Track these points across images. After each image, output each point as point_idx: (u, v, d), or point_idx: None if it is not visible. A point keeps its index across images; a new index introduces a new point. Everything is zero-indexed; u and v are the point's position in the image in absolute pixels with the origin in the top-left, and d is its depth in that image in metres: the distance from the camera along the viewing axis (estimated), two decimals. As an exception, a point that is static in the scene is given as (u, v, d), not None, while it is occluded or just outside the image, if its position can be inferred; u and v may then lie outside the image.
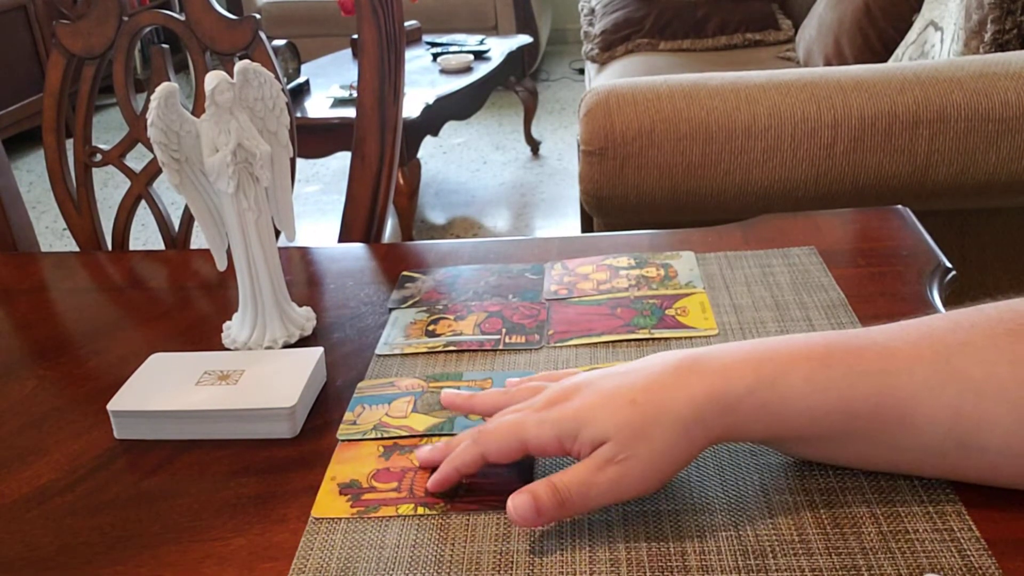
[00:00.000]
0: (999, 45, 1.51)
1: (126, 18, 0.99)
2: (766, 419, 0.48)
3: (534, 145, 3.57)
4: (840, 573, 0.45)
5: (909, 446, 0.48)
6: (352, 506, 0.53)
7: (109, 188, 3.20)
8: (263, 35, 0.97)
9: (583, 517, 0.50)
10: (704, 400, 0.48)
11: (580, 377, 0.53)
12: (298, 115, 2.68)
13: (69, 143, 1.01)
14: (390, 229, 2.81)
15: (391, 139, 0.99)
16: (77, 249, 1.03)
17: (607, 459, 0.48)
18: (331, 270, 0.85)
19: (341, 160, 3.36)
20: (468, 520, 0.51)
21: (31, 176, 3.62)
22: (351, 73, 3.00)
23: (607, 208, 1.39)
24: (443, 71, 3.08)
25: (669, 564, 0.47)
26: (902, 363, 0.47)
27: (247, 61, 0.66)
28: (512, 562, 0.48)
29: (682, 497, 0.51)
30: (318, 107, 2.74)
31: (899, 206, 0.85)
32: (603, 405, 0.49)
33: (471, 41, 3.39)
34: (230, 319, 0.73)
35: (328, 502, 0.53)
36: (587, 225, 1.68)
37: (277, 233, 0.74)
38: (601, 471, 0.48)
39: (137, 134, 1.00)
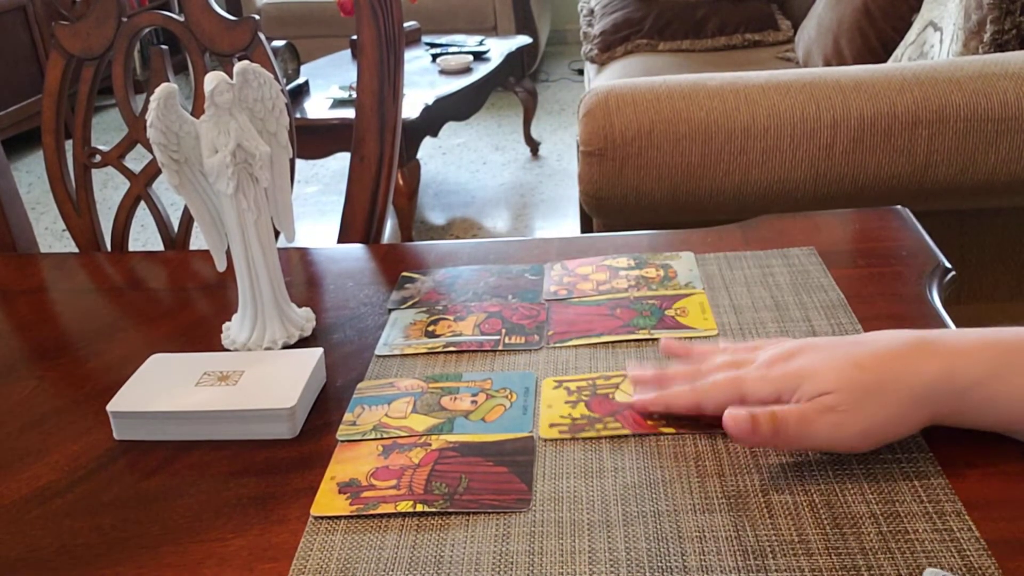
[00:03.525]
0: (998, 45, 1.51)
1: (125, 19, 0.99)
2: (994, 412, 0.49)
3: (533, 146, 3.57)
4: (840, 573, 0.45)
5: None
6: (351, 504, 0.53)
7: (108, 189, 3.20)
8: (262, 36, 0.97)
9: (583, 516, 0.50)
10: (935, 379, 0.48)
11: (797, 342, 0.54)
12: (297, 116, 2.68)
13: (68, 144, 1.01)
14: (389, 230, 2.81)
15: (390, 140, 0.99)
16: (76, 250, 1.03)
17: (829, 407, 0.49)
18: (331, 271, 0.85)
19: (340, 161, 3.36)
20: (468, 520, 0.51)
21: (30, 177, 3.62)
22: (350, 74, 3.00)
23: (606, 209, 1.39)
24: (442, 72, 3.08)
25: (669, 564, 0.47)
26: None
27: (246, 62, 0.66)
28: (512, 562, 0.48)
29: (682, 497, 0.51)
30: (317, 108, 2.74)
31: (898, 206, 0.85)
32: (828, 366, 0.50)
33: (470, 42, 3.39)
34: (230, 320, 0.73)
35: (327, 501, 0.53)
36: (587, 226, 1.68)
37: (277, 234, 0.74)
38: (822, 415, 0.49)
39: (136, 135, 1.00)
